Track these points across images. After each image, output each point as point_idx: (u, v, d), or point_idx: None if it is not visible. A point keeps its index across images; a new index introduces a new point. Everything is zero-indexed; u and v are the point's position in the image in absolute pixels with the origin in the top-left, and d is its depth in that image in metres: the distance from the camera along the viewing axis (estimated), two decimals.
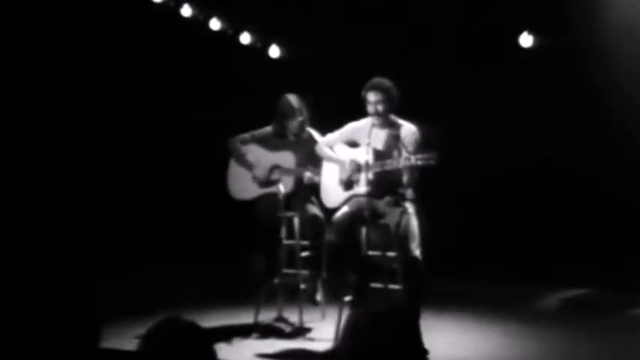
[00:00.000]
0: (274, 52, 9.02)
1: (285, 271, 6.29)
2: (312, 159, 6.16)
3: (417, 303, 5.51)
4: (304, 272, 6.23)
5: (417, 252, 5.53)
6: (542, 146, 7.66)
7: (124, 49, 9.06)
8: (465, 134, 7.56)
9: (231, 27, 8.94)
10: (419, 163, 5.37)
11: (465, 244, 7.64)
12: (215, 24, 8.97)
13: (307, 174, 6.17)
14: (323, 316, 6.35)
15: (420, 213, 5.71)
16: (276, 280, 6.27)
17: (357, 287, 5.68)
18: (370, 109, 5.74)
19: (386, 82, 5.75)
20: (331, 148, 6.04)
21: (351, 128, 5.96)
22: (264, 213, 6.23)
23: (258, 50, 8.94)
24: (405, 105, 5.78)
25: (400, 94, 5.74)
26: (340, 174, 5.91)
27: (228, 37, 8.90)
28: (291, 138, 6.41)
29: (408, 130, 5.75)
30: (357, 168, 5.79)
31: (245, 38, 9.00)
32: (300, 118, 6.34)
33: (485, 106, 7.83)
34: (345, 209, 5.75)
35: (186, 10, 8.88)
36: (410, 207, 5.67)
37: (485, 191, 7.83)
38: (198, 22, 8.88)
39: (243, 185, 6.41)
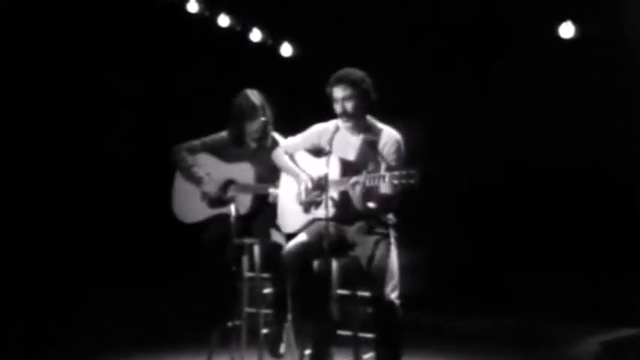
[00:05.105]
0: (286, 50, 8.58)
1: (247, 309, 5.09)
2: (277, 172, 4.97)
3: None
4: (267, 312, 5.05)
5: (393, 295, 4.43)
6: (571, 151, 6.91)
7: (126, 48, 8.75)
8: (470, 139, 6.93)
9: (239, 24, 8.60)
10: (395, 182, 4.16)
11: (472, 271, 6.71)
12: (224, 20, 8.57)
13: (272, 190, 4.98)
14: None
15: (400, 242, 4.56)
16: (231, 323, 5.07)
17: (319, 337, 4.50)
18: (337, 107, 4.58)
19: (356, 72, 4.60)
20: (291, 156, 4.83)
21: (316, 131, 4.77)
22: (214, 240, 5.06)
23: (268, 48, 8.56)
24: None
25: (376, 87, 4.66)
26: (298, 191, 4.69)
27: (236, 34, 8.55)
28: (252, 145, 5.24)
29: (389, 136, 4.57)
30: (319, 184, 4.56)
31: (255, 36, 8.60)
32: (262, 119, 5.16)
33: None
34: (300, 238, 4.55)
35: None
36: (388, 235, 4.48)
37: (497, 206, 6.95)
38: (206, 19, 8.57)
39: (189, 204, 5.24)
